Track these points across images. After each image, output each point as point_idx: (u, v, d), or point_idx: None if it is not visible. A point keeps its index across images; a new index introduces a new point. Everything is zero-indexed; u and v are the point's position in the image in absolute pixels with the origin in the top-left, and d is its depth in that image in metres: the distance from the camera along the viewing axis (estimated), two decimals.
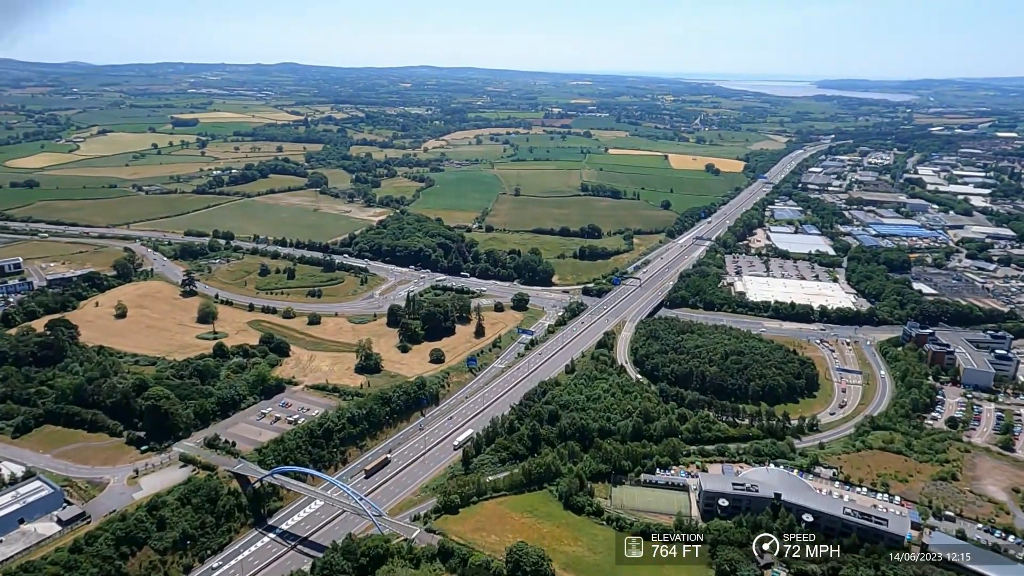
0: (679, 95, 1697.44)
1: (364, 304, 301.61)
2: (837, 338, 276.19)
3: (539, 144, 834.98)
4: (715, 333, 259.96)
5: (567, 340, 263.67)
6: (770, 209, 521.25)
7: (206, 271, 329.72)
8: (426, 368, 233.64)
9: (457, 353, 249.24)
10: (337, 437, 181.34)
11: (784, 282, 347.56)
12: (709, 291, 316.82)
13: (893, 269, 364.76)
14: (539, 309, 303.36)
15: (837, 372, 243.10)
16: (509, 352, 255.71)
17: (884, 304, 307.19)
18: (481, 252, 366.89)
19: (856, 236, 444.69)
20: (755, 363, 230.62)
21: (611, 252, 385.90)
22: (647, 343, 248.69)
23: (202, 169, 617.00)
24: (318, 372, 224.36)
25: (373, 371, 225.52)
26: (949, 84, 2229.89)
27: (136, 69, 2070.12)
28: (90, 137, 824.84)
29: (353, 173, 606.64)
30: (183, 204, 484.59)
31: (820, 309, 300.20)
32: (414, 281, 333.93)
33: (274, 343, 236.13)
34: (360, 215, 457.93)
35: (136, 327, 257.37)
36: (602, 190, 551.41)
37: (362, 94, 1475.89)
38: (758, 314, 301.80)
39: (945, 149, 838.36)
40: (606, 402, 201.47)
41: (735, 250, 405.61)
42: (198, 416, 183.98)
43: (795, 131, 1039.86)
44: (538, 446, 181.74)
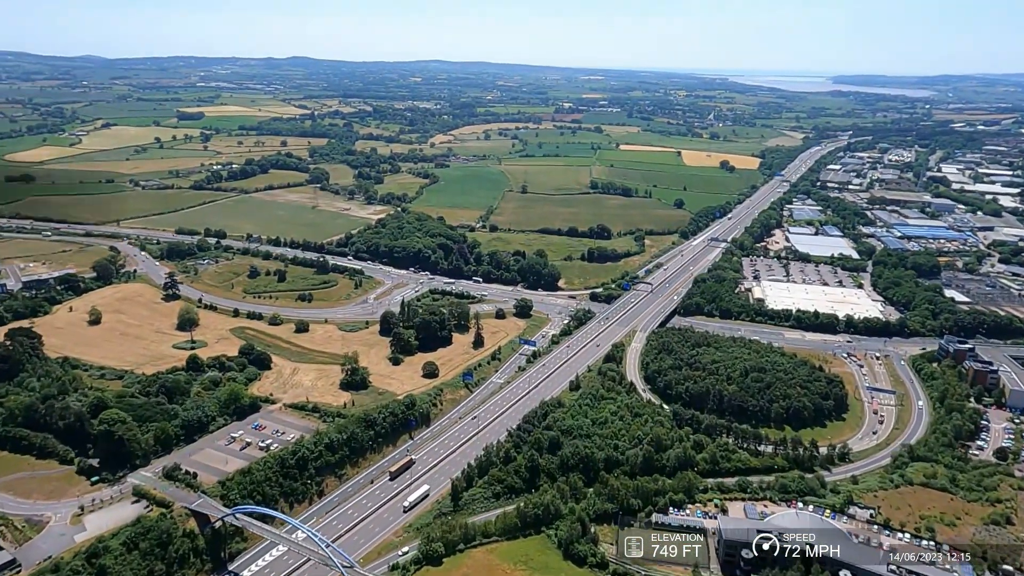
0: (692, 90, 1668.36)
1: (357, 310, 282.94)
2: (866, 352, 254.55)
3: (549, 139, 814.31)
4: (733, 346, 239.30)
5: (572, 352, 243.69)
6: (788, 209, 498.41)
7: (192, 272, 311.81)
8: (418, 383, 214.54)
9: (453, 366, 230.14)
10: (313, 466, 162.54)
11: (806, 288, 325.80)
12: (726, 298, 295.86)
13: (922, 274, 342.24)
14: (543, 316, 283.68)
15: (868, 391, 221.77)
16: (509, 365, 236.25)
17: (915, 314, 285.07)
18: (484, 253, 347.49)
19: (880, 238, 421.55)
20: (778, 381, 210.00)
21: (621, 254, 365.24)
22: (659, 357, 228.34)
23: (203, 164, 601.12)
24: (299, 388, 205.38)
25: (359, 387, 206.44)
26: (968, 80, 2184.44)
27: (148, 63, 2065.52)
28: (93, 130, 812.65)
29: (356, 169, 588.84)
30: (178, 200, 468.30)
31: (846, 319, 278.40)
32: (412, 285, 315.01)
33: (254, 355, 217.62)
34: (359, 213, 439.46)
35: (109, 335, 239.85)
36: (612, 188, 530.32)
37: (371, 88, 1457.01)
38: (778, 323, 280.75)
39: (968, 146, 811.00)
40: (613, 427, 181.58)
41: (752, 252, 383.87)
42: (159, 442, 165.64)
43: (811, 127, 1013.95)
44: (537, 478, 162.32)
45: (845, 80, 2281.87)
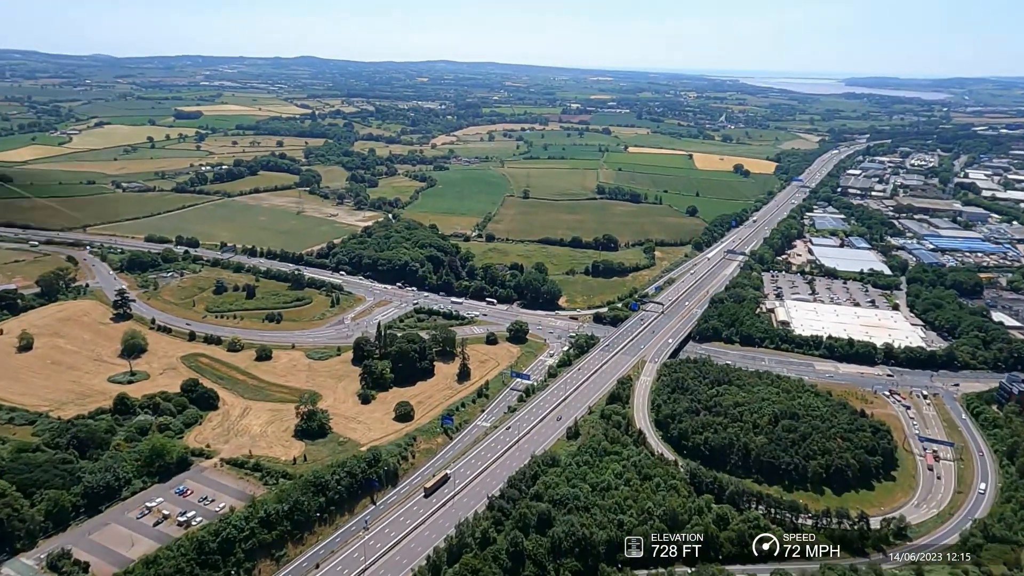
0: (702, 92, 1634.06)
1: (331, 332, 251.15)
2: (911, 390, 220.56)
3: (555, 141, 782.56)
4: (759, 384, 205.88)
5: (571, 388, 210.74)
6: (809, 217, 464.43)
7: (152, 287, 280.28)
8: (388, 428, 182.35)
9: (432, 405, 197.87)
10: (241, 549, 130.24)
11: (835, 309, 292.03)
12: (746, 321, 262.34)
13: (963, 293, 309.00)
14: (540, 341, 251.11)
15: (920, 441, 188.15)
16: (498, 403, 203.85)
17: (962, 342, 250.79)
18: (477, 267, 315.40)
19: (912, 251, 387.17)
20: (815, 432, 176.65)
21: (629, 268, 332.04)
22: (673, 398, 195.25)
23: (192, 164, 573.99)
24: (245, 437, 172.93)
25: (317, 435, 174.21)
26: (983, 83, 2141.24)
27: (155, 62, 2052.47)
28: (86, 129, 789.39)
29: (351, 171, 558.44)
30: (157, 204, 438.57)
31: (885, 348, 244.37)
32: (396, 302, 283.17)
33: (197, 393, 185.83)
34: (347, 219, 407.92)
35: (38, 364, 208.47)
36: (620, 193, 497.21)
37: (377, 88, 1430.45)
38: (807, 352, 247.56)
39: (994, 151, 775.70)
40: (618, 495, 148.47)
41: (773, 267, 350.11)
42: (51, 516, 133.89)
43: (827, 129, 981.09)
44: (521, 567, 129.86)
45: (857, 82, 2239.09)
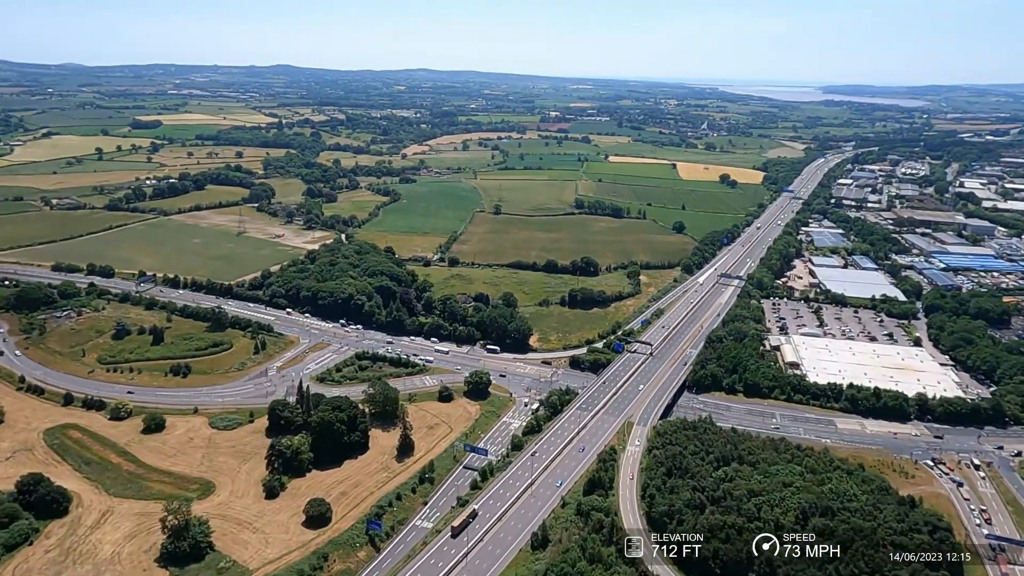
0: (683, 99, 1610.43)
1: (248, 389, 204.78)
2: (958, 457, 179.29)
3: (532, 150, 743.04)
4: (775, 459, 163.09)
5: (539, 466, 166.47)
6: (806, 232, 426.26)
7: (37, 332, 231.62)
8: (293, 539, 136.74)
9: (358, 497, 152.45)
10: None
11: (850, 345, 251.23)
12: (750, 365, 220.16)
13: (989, 322, 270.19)
14: (505, 396, 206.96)
15: (987, 540, 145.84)
16: (446, 490, 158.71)
17: (1007, 389, 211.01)
18: (436, 299, 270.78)
19: (922, 271, 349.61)
20: (857, 537, 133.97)
21: (611, 297, 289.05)
22: (669, 485, 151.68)
23: (138, 178, 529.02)
24: (87, 565, 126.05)
25: (190, 558, 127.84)
26: (957, 90, 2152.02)
27: (125, 70, 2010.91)
28: (32, 140, 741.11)
29: (310, 184, 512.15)
30: (82, 224, 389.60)
31: (917, 399, 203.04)
32: (334, 345, 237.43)
33: (38, 494, 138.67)
34: (293, 241, 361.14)
35: None
36: (601, 207, 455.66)
37: (352, 96, 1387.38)
38: (826, 404, 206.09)
39: (984, 158, 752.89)
40: None
41: (774, 293, 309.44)
42: None
43: (811, 137, 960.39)
44: None
45: (835, 90, 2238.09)
